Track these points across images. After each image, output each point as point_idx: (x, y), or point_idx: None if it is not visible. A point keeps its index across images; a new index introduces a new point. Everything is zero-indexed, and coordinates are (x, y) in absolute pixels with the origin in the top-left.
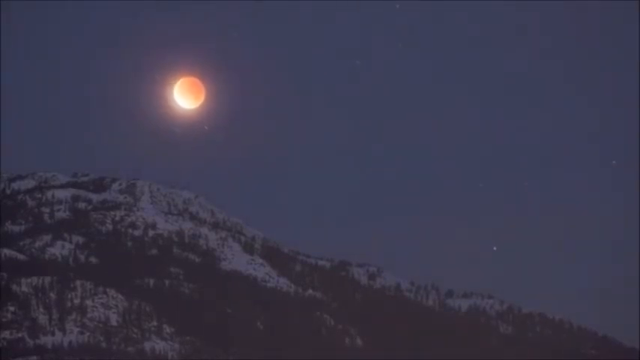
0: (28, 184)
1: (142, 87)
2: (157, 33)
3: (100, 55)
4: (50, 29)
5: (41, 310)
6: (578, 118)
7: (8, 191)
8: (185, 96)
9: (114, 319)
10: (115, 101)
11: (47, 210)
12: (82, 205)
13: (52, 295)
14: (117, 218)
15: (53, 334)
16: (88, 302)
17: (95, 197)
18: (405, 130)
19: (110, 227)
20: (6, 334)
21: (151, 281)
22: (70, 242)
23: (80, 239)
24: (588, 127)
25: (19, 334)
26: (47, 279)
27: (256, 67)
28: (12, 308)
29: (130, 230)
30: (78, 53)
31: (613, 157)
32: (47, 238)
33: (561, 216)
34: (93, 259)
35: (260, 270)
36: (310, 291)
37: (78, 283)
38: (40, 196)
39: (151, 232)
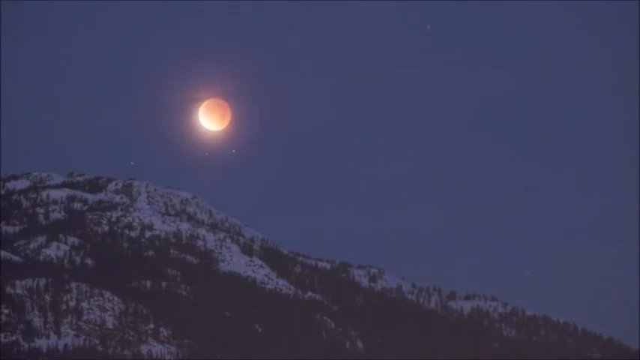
0: (23, 184)
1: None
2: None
3: (100, 54)
4: (56, 30)
5: (36, 312)
6: (577, 118)
7: (2, 191)
8: (211, 117)
9: (110, 322)
10: (115, 101)
11: (42, 210)
12: (77, 205)
13: (47, 298)
14: (113, 219)
15: (48, 336)
16: (84, 304)
17: (91, 197)
18: (406, 131)
19: (106, 228)
20: (0, 337)
21: (148, 283)
22: (66, 243)
23: (75, 240)
24: (588, 127)
25: (14, 337)
26: (42, 281)
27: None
28: (6, 310)
29: (126, 231)
30: (80, 54)
31: (613, 158)
32: (42, 239)
33: (564, 217)
34: (88, 261)
35: (259, 272)
36: (310, 293)
37: (73, 284)
38: (34, 196)
39: (147, 233)
